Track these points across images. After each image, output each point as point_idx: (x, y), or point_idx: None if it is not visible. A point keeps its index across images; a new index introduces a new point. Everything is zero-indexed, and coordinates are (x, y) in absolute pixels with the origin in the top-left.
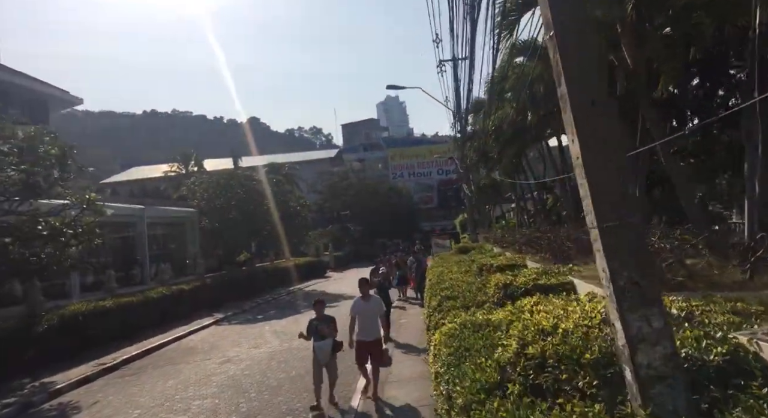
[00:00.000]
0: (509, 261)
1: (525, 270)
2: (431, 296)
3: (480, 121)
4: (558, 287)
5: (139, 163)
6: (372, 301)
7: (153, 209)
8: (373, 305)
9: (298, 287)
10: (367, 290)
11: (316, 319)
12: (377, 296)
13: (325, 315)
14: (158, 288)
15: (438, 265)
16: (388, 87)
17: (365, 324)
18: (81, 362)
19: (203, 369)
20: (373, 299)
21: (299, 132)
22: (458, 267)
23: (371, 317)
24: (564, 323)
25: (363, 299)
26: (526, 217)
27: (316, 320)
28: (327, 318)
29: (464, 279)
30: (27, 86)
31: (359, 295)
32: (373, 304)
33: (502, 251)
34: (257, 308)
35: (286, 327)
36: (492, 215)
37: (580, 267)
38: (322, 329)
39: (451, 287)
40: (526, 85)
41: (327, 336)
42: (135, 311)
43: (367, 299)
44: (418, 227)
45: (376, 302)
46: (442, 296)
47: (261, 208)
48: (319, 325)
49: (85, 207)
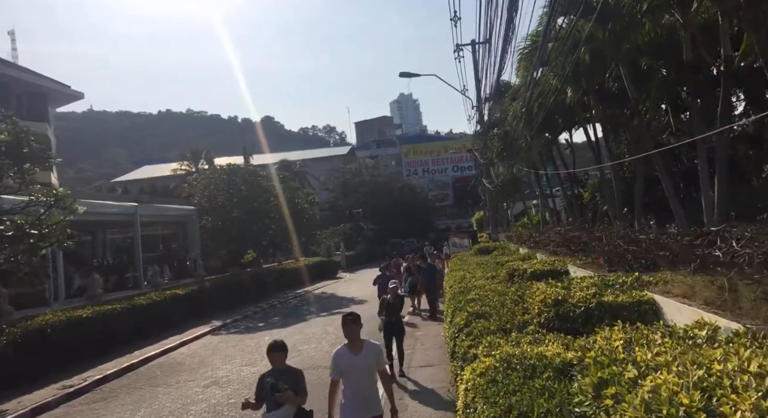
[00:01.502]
0: (546, 266)
1: (575, 280)
2: (454, 308)
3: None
4: (634, 309)
5: (155, 163)
6: (366, 351)
7: (149, 207)
8: (367, 358)
9: (307, 290)
10: (357, 333)
11: (271, 373)
12: (375, 343)
13: (288, 367)
14: (149, 293)
15: (457, 267)
16: (401, 75)
17: (356, 392)
18: (46, 383)
19: (183, 394)
20: (368, 347)
21: (313, 131)
22: (482, 271)
23: (366, 380)
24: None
25: (351, 349)
26: (548, 214)
27: (270, 375)
28: (290, 373)
29: (493, 288)
30: (26, 80)
31: (342, 344)
32: (367, 356)
33: (531, 252)
34: (261, 313)
35: (288, 339)
36: (510, 212)
37: (655, 277)
38: (282, 393)
39: (480, 300)
40: (569, 51)
41: (290, 402)
42: (119, 321)
43: (357, 349)
44: (433, 225)
45: (372, 352)
46: (470, 313)
47: (265, 205)
48: (276, 383)
49: (53, 204)
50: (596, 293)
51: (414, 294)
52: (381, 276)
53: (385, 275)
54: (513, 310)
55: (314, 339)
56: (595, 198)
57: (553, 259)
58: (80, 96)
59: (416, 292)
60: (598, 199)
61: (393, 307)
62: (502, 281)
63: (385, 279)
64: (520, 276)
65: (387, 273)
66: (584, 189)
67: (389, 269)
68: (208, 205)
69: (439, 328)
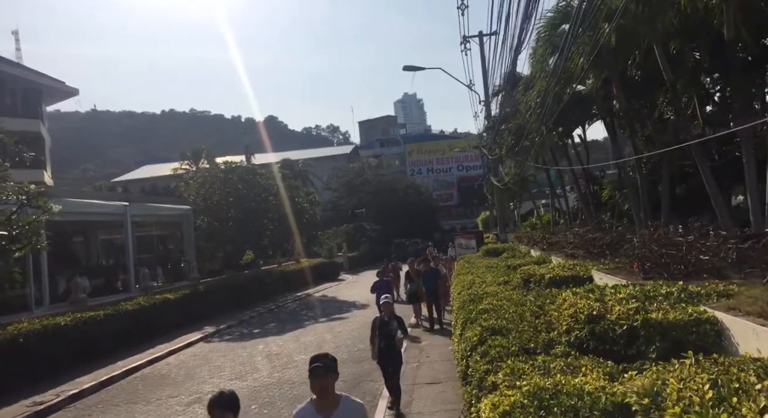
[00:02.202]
0: (566, 271)
1: (607, 289)
2: (464, 320)
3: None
4: (691, 329)
5: (159, 162)
6: (343, 413)
7: (140, 206)
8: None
9: (308, 293)
10: (331, 386)
11: None
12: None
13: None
14: (137, 298)
15: (465, 271)
16: (404, 69)
17: None
18: (17, 398)
19: (163, 414)
20: (345, 407)
21: (316, 130)
22: (492, 275)
23: None
24: None
25: (319, 410)
26: (558, 214)
27: None
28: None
29: (508, 296)
30: (19, 76)
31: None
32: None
33: (544, 255)
34: (257, 318)
35: (283, 347)
36: (517, 213)
37: (704, 287)
38: None
39: (495, 311)
40: (591, 29)
41: None
42: (101, 328)
43: (329, 409)
44: (438, 225)
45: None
46: (485, 328)
47: (263, 204)
48: None
49: (25, 203)
50: (639, 307)
51: (416, 303)
52: (379, 281)
53: (383, 280)
54: (534, 324)
55: (311, 348)
56: (614, 196)
57: (572, 263)
58: (75, 92)
59: (418, 300)
60: (618, 197)
61: (387, 329)
62: (517, 287)
63: (383, 286)
64: (537, 283)
65: (385, 278)
66: (601, 187)
67: (386, 273)
68: (203, 204)
69: (445, 339)
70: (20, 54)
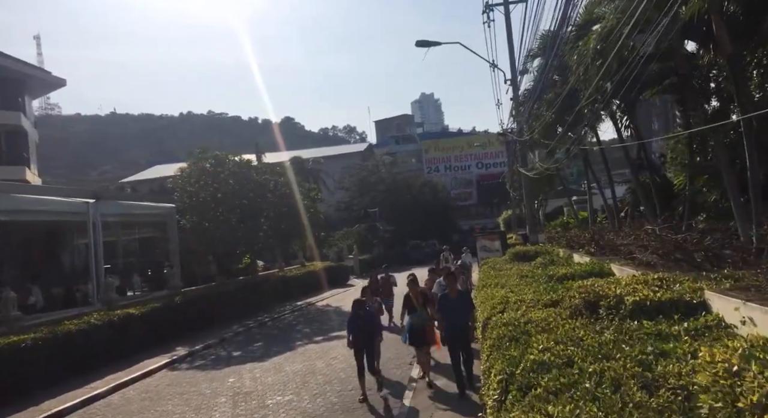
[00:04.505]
0: (658, 291)
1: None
2: (504, 380)
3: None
4: None
5: (172, 162)
6: None
7: (111, 204)
8: None
9: (309, 301)
10: None
11: None
12: None
13: None
14: (89, 315)
15: (491, 281)
16: (417, 44)
17: None
18: None
19: None
20: None
21: (333, 131)
22: (531, 289)
23: None
24: None
25: None
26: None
27: None
28: None
29: (568, 331)
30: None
31: None
32: None
33: (598, 262)
34: (243, 335)
35: (257, 382)
36: (542, 212)
37: None
38: None
39: (558, 368)
40: None
41: None
42: (29, 358)
43: None
44: (456, 226)
45: None
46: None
47: (257, 202)
48: None
49: None
50: None
51: (421, 347)
52: (357, 309)
53: (363, 307)
54: (645, 400)
55: (292, 385)
56: (691, 184)
57: (656, 276)
58: (62, 83)
59: (425, 342)
60: (700, 184)
61: None
62: (575, 313)
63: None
64: (612, 308)
65: (368, 306)
66: (667, 173)
67: (373, 292)
68: (189, 201)
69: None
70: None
